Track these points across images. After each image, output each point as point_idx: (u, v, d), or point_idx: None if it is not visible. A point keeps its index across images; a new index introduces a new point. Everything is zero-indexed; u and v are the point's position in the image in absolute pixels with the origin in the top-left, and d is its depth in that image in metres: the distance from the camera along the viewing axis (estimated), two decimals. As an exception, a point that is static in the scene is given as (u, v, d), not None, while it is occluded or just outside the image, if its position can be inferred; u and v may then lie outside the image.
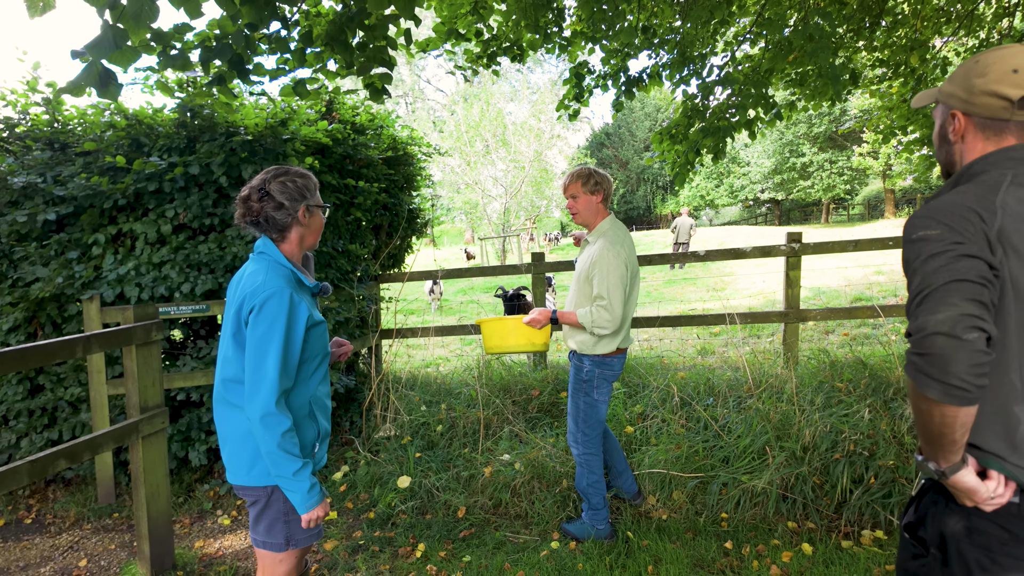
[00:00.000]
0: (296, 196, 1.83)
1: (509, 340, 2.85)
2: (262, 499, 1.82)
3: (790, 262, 4.38)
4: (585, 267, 2.74)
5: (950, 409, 1.09)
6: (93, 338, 2.62)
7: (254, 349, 1.68)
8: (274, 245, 1.84)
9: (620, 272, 2.64)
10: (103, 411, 3.67)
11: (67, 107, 3.97)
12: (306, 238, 1.90)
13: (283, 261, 1.81)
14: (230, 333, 1.76)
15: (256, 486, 1.81)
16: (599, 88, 4.78)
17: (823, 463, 3.14)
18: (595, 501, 2.96)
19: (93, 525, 3.65)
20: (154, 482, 2.96)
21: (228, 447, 1.84)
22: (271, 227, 1.83)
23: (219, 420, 1.87)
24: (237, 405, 1.80)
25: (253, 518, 1.87)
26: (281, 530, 1.83)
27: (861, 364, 4.04)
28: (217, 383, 1.85)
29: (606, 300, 2.63)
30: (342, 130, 4.42)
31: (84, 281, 3.73)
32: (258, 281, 1.72)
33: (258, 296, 1.69)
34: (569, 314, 2.76)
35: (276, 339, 1.68)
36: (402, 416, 4.17)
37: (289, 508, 1.81)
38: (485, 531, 3.22)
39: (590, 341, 2.77)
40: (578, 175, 2.76)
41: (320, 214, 1.94)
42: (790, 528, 3.01)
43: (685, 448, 3.38)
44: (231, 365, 1.78)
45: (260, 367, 1.67)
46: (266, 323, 1.68)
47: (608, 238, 2.71)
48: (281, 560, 1.88)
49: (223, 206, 3.87)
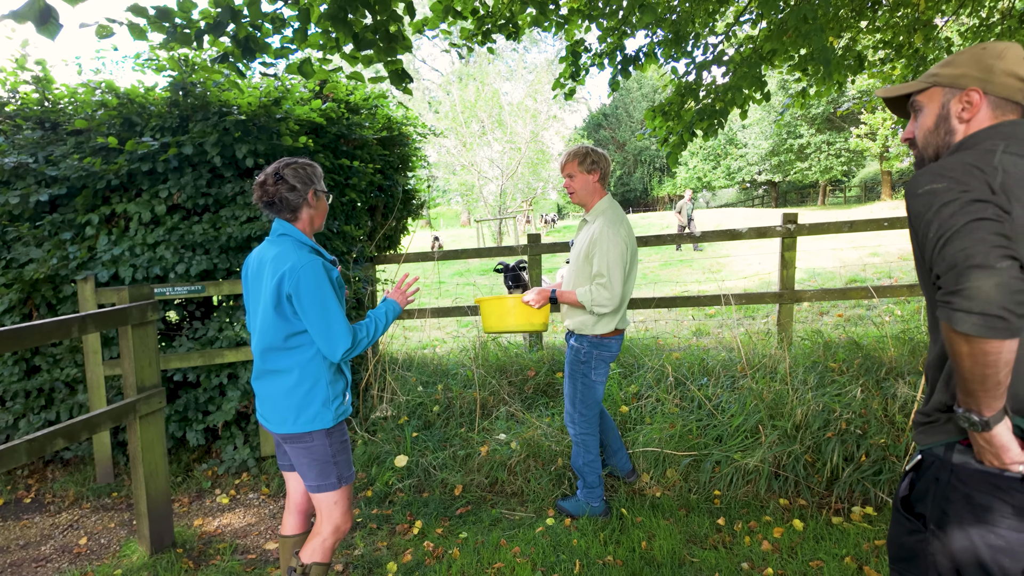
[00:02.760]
0: (306, 180, 2.07)
1: (508, 320, 2.83)
2: (309, 444, 2.06)
3: (785, 243, 4.39)
4: (584, 246, 2.73)
5: (992, 344, 1.04)
6: (89, 318, 2.61)
7: (314, 312, 1.94)
8: (292, 226, 2.07)
9: (620, 250, 2.64)
10: (100, 392, 3.68)
11: (57, 85, 3.92)
12: (315, 219, 2.15)
13: (303, 239, 2.07)
14: (270, 307, 1.98)
15: (303, 432, 2.05)
16: (595, 67, 4.73)
17: (815, 441, 3.18)
18: (590, 479, 2.99)
19: (92, 504, 3.68)
20: (152, 461, 2.98)
21: (270, 403, 2.08)
22: (285, 207, 2.06)
23: (260, 390, 2.12)
24: (276, 370, 2.05)
25: (305, 469, 2.10)
26: (332, 470, 2.10)
27: (855, 344, 4.07)
28: (256, 359, 2.09)
29: (606, 278, 2.63)
30: (336, 109, 4.38)
31: (78, 262, 3.71)
32: (292, 259, 1.95)
33: (297, 271, 1.93)
34: (568, 293, 2.75)
35: (329, 297, 1.95)
36: (399, 397, 4.19)
37: (336, 449, 2.10)
38: (481, 508, 3.26)
39: (589, 321, 2.77)
40: (575, 154, 2.75)
41: (325, 199, 2.18)
42: (781, 505, 3.06)
43: (679, 427, 3.41)
44: (269, 334, 2.02)
45: (325, 322, 1.95)
46: (315, 289, 1.93)
47: (607, 217, 2.70)
48: (336, 501, 2.13)
49: (217, 186, 3.84)
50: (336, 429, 2.11)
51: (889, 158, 23.91)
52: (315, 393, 2.04)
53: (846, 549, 2.65)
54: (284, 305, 1.97)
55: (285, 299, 1.97)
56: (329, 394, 2.07)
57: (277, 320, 2.00)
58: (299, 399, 2.04)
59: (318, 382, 2.05)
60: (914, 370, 3.68)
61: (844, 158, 27.58)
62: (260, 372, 2.11)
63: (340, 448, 2.13)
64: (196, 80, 3.64)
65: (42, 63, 3.82)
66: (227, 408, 3.80)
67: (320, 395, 2.05)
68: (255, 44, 2.65)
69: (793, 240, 4.37)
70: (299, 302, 1.94)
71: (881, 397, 3.44)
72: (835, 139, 27.61)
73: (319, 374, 2.05)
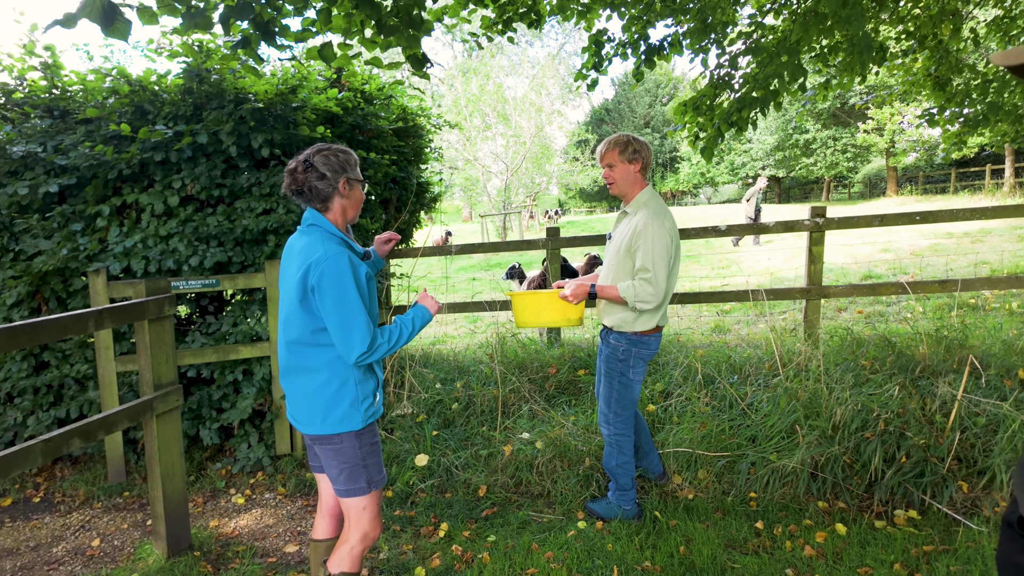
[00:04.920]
0: (337, 168, 1.95)
1: (543, 315, 2.71)
2: (337, 446, 1.96)
3: (813, 237, 4.27)
4: (626, 239, 2.61)
5: None
6: (105, 312, 2.50)
7: (333, 309, 1.83)
8: (322, 216, 1.96)
9: (666, 243, 2.52)
10: (112, 388, 3.57)
11: (66, 72, 3.80)
12: (347, 210, 2.03)
13: (333, 230, 1.95)
14: (296, 300, 1.88)
15: (331, 434, 1.95)
16: (619, 56, 4.61)
17: (854, 442, 3.07)
18: (623, 481, 2.89)
19: (104, 504, 3.58)
20: (169, 461, 2.87)
21: (297, 402, 1.98)
22: (314, 197, 1.95)
23: (287, 383, 2.01)
24: (303, 367, 1.94)
25: (334, 473, 2.00)
26: (361, 474, 2.00)
27: (886, 342, 3.96)
28: (282, 350, 1.99)
29: (651, 272, 2.51)
30: (352, 99, 4.26)
31: (89, 254, 3.60)
32: (318, 251, 1.84)
33: (322, 264, 1.82)
34: (609, 288, 2.62)
35: (350, 294, 1.83)
36: (417, 393, 4.09)
37: (366, 452, 2.00)
38: (507, 510, 3.16)
39: (630, 318, 2.66)
40: (616, 142, 2.63)
41: (359, 188, 2.05)
42: (820, 508, 2.95)
43: (711, 427, 3.31)
44: (295, 328, 1.92)
45: (343, 321, 1.83)
46: (337, 284, 1.82)
47: (651, 209, 2.58)
48: (365, 506, 2.03)
49: (232, 177, 3.72)
50: (366, 431, 2.01)
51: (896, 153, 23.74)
52: (344, 393, 1.94)
53: (894, 555, 2.54)
54: (309, 298, 1.88)
55: (310, 292, 1.87)
56: (358, 394, 1.96)
57: (303, 314, 1.90)
58: (327, 399, 1.94)
59: (347, 381, 1.95)
60: (951, 369, 3.57)
61: (850, 153, 27.40)
62: (287, 368, 2.00)
63: (370, 451, 2.03)
64: (211, 67, 3.51)
65: (51, 48, 3.69)
66: (242, 406, 3.69)
67: (349, 395, 1.95)
68: (277, 26, 2.53)
69: (821, 235, 4.26)
70: (320, 296, 1.84)
71: (918, 396, 3.34)
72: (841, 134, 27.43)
73: (347, 373, 1.95)
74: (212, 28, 2.40)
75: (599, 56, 4.58)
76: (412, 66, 2.85)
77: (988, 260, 8.69)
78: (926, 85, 6.26)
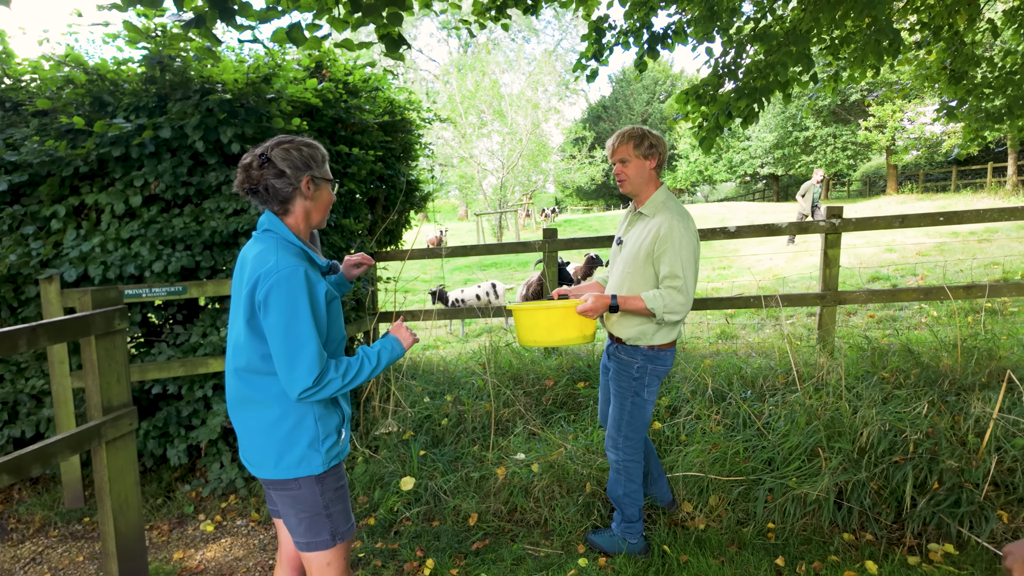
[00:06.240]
0: (299, 165, 1.66)
1: (557, 332, 2.30)
2: (295, 493, 1.67)
3: (829, 239, 3.99)
4: (645, 244, 2.31)
5: None
6: (41, 329, 2.19)
7: (280, 331, 1.54)
8: (280, 221, 1.68)
9: (694, 248, 2.24)
10: (67, 406, 3.26)
11: (19, 60, 3.48)
12: (312, 214, 1.73)
13: (291, 238, 1.66)
14: (243, 320, 1.61)
15: (287, 479, 1.66)
16: (620, 46, 4.31)
17: (882, 467, 2.79)
18: (629, 512, 2.60)
19: (60, 532, 3.28)
20: (122, 492, 2.56)
21: (248, 441, 1.69)
22: (272, 197, 1.66)
23: (236, 417, 1.72)
24: (254, 399, 1.65)
25: (293, 523, 1.71)
26: (324, 524, 1.70)
27: (907, 352, 3.68)
28: (230, 378, 1.71)
29: (681, 280, 2.22)
30: (333, 90, 3.96)
31: (42, 259, 3.29)
32: (270, 261, 1.56)
33: (272, 276, 1.54)
34: (632, 299, 2.28)
35: (302, 316, 1.54)
36: (403, 408, 3.79)
37: (329, 499, 1.70)
38: (500, 542, 2.87)
39: (649, 330, 2.36)
40: (630, 135, 2.32)
41: (328, 189, 1.77)
42: (846, 541, 2.67)
43: (724, 448, 3.02)
44: (244, 353, 1.63)
45: (288, 348, 1.54)
46: (287, 302, 1.53)
47: (673, 211, 2.29)
48: (329, 562, 1.74)
49: (199, 174, 3.42)
50: (329, 474, 1.70)
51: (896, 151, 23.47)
52: (301, 431, 1.64)
53: (934, 600, 2.26)
54: (258, 317, 1.59)
55: (258, 309, 1.57)
56: (319, 432, 1.66)
57: (251, 336, 1.61)
58: (282, 437, 1.64)
59: (305, 417, 1.64)
60: (981, 383, 3.29)
61: (850, 151, 27.12)
62: (236, 399, 1.70)
63: (335, 497, 1.72)
64: (174, 53, 3.20)
65: (0, 35, 3.38)
66: (213, 423, 3.39)
67: (307, 433, 1.64)
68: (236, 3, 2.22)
69: (837, 236, 3.98)
70: (265, 314, 1.55)
71: (948, 414, 3.06)
72: (841, 132, 27.15)
73: (306, 407, 1.64)
74: (160, 4, 2.10)
75: (599, 45, 4.28)
76: (386, 47, 2.55)
77: (999, 261, 8.43)
78: (940, 79, 5.98)
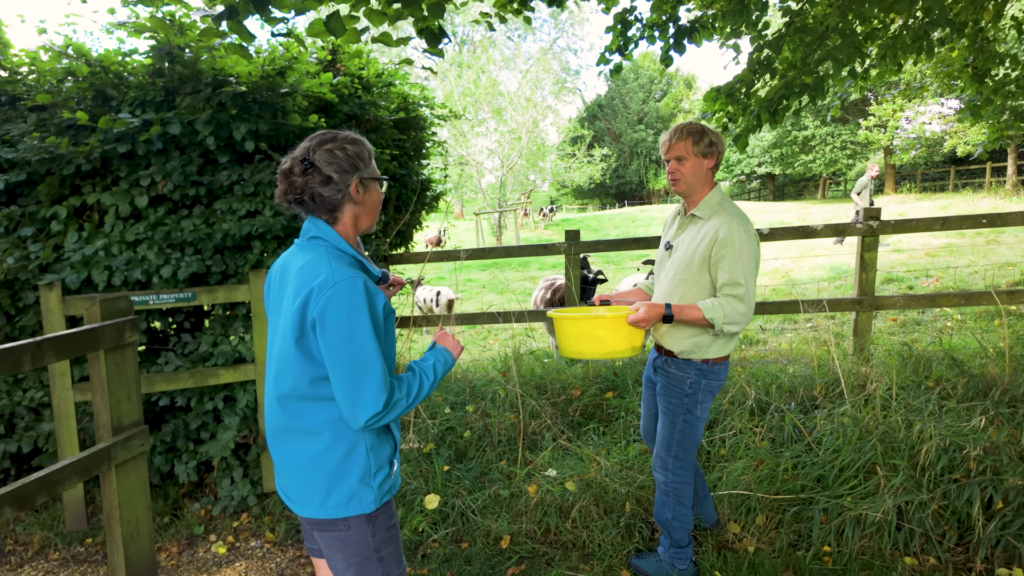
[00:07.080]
0: (347, 168, 1.47)
1: (606, 344, 2.10)
2: (343, 535, 1.49)
3: (866, 242, 3.83)
4: (701, 249, 2.14)
5: None
6: (46, 345, 1.99)
7: (341, 351, 1.36)
8: (329, 227, 1.49)
9: (754, 253, 2.08)
10: (69, 421, 3.06)
11: (16, 51, 3.27)
12: (361, 219, 1.55)
13: (343, 246, 1.48)
14: (291, 340, 1.42)
15: (335, 518, 1.48)
16: (645, 39, 4.14)
17: (943, 486, 2.63)
18: (679, 536, 2.42)
19: (61, 554, 3.07)
20: (132, 518, 2.37)
21: (291, 475, 1.51)
22: (320, 207, 1.48)
23: (276, 449, 1.54)
24: (299, 428, 1.47)
25: (340, 567, 1.53)
26: (375, 570, 1.53)
27: (951, 360, 3.53)
28: (271, 406, 1.52)
29: (743, 287, 2.06)
30: (348, 85, 3.76)
31: (42, 263, 3.08)
32: (323, 273, 1.39)
33: (328, 289, 1.36)
34: (689, 308, 2.11)
35: (364, 333, 1.37)
36: (423, 420, 3.60)
37: (381, 541, 1.52)
38: (536, 566, 2.69)
39: (705, 342, 2.19)
40: (689, 131, 2.15)
41: (377, 188, 1.57)
42: (908, 566, 2.51)
43: (771, 464, 2.85)
44: (288, 377, 1.45)
45: (353, 370, 1.36)
46: (347, 318, 1.36)
47: (731, 214, 2.12)
48: None
49: (210, 173, 3.21)
50: (381, 512, 1.52)
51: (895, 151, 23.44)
52: (352, 463, 1.46)
53: (1017, 634, 2.10)
54: (309, 336, 1.40)
55: (310, 328, 1.39)
56: (371, 464, 1.47)
57: (300, 357, 1.42)
58: (330, 471, 1.46)
59: (356, 447, 1.46)
60: (1036, 393, 3.14)
61: (849, 151, 27.09)
62: (277, 429, 1.51)
63: (387, 538, 1.54)
64: (184, 44, 3.00)
65: (-4, 23, 3.17)
66: (224, 438, 3.20)
67: (359, 466, 1.46)
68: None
69: (875, 239, 3.82)
70: (323, 334, 1.37)
71: (1007, 428, 2.91)
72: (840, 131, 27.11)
73: (357, 436, 1.46)
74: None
75: (624, 38, 4.10)
76: (427, 42, 2.37)
77: (1012, 262, 8.33)
78: (963, 76, 5.85)
